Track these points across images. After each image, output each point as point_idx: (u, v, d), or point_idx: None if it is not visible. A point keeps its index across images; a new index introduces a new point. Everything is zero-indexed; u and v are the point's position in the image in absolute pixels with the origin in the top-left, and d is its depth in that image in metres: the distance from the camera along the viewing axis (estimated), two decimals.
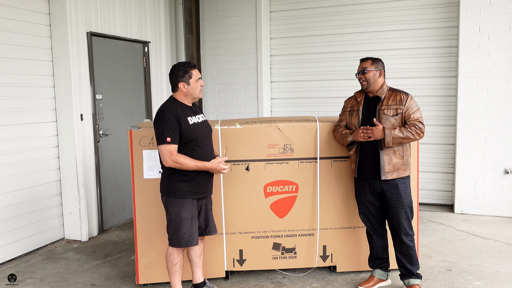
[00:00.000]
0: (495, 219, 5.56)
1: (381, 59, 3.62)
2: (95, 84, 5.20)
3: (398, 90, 3.55)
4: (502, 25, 5.46)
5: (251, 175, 3.84)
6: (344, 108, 3.75)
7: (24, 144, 4.62)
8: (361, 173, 3.58)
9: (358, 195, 3.68)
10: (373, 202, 3.61)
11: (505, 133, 5.56)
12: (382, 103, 3.49)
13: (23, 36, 4.57)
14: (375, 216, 3.65)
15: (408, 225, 3.53)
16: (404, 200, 3.49)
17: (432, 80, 6.04)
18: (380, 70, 3.53)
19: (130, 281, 3.98)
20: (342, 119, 3.75)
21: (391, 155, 3.44)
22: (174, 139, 3.16)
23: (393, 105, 3.46)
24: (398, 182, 3.47)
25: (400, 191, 3.48)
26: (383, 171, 3.44)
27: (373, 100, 3.56)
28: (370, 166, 3.51)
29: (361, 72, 3.54)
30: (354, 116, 3.60)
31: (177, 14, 6.81)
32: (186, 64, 3.29)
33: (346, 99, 3.78)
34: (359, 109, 3.57)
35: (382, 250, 3.71)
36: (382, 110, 3.47)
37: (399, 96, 3.49)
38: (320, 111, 6.52)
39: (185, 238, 3.30)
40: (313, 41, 6.54)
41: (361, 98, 3.61)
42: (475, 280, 3.85)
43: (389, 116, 3.45)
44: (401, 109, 3.45)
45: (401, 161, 3.47)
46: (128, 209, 5.76)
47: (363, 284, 3.75)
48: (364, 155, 3.54)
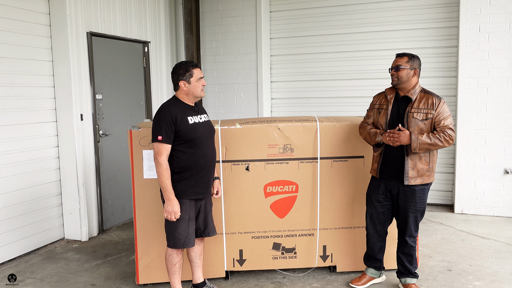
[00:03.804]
0: (495, 219, 5.56)
1: (419, 57, 3.46)
2: (95, 84, 5.20)
3: (430, 92, 3.40)
4: (502, 25, 5.47)
5: (251, 175, 3.84)
6: (373, 105, 3.61)
7: (24, 144, 4.62)
8: (382, 174, 3.49)
9: (370, 192, 3.62)
10: (383, 203, 3.55)
11: (505, 133, 5.56)
12: (413, 105, 3.35)
13: (23, 36, 4.57)
14: (381, 217, 3.60)
15: (415, 228, 3.51)
16: (418, 206, 3.42)
17: (432, 80, 6.04)
18: (415, 69, 3.37)
19: (130, 281, 3.98)
20: (369, 115, 3.60)
21: (416, 160, 3.32)
22: (166, 139, 3.16)
23: (424, 108, 3.31)
24: (417, 188, 3.38)
25: (416, 197, 3.40)
26: (406, 177, 3.34)
27: (403, 100, 3.42)
28: (394, 168, 3.41)
29: (394, 68, 3.39)
30: (382, 114, 3.46)
31: (177, 14, 6.81)
32: (187, 63, 3.30)
33: (375, 95, 3.64)
34: (388, 108, 3.44)
35: (378, 251, 3.70)
36: (412, 113, 3.33)
37: (431, 99, 3.33)
38: (320, 111, 6.52)
39: (181, 239, 3.29)
40: (313, 41, 6.54)
41: (392, 96, 3.47)
42: (475, 280, 3.85)
43: (418, 120, 3.30)
44: (431, 113, 3.30)
45: (426, 167, 3.35)
46: (128, 209, 5.76)
47: (354, 281, 3.74)
48: (388, 156, 3.43)
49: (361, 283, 3.72)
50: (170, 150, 3.21)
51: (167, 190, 3.18)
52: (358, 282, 3.72)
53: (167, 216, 3.22)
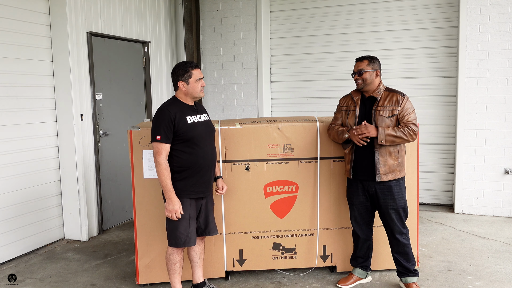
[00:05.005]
0: (495, 219, 5.56)
1: (378, 58, 3.58)
2: (95, 84, 5.20)
3: (394, 90, 3.52)
4: (502, 25, 5.47)
5: (251, 175, 3.84)
6: (340, 107, 3.71)
7: (24, 144, 4.61)
8: (356, 174, 3.55)
9: (350, 196, 3.67)
10: (365, 204, 3.60)
11: (505, 133, 5.56)
12: (378, 103, 3.46)
13: (23, 36, 4.57)
14: (365, 218, 3.65)
15: (402, 224, 3.54)
16: (398, 202, 3.47)
17: (432, 80, 6.04)
18: (376, 71, 3.50)
19: (130, 281, 3.98)
20: (337, 117, 3.70)
21: (386, 157, 3.42)
22: (165, 138, 3.17)
23: (389, 106, 3.43)
24: (392, 184, 3.45)
25: (393, 193, 3.46)
26: (378, 173, 3.42)
27: (369, 100, 3.54)
28: (365, 167, 3.48)
29: (357, 73, 3.50)
30: (350, 116, 3.56)
31: (177, 14, 6.81)
32: (187, 64, 3.30)
33: (342, 98, 3.74)
34: (356, 109, 3.54)
35: (366, 249, 3.73)
36: (378, 111, 3.44)
37: (395, 97, 3.46)
38: (320, 111, 6.52)
39: (182, 238, 3.30)
40: (313, 41, 6.54)
41: (358, 97, 3.58)
42: (475, 280, 3.85)
43: (384, 117, 3.42)
44: (396, 110, 3.42)
45: (396, 162, 3.45)
46: (128, 209, 5.76)
47: (341, 281, 3.76)
48: (359, 156, 3.51)
49: (348, 283, 3.74)
50: (169, 149, 3.22)
51: (168, 189, 3.20)
52: (345, 283, 3.75)
53: (169, 214, 3.23)
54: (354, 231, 3.71)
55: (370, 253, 3.76)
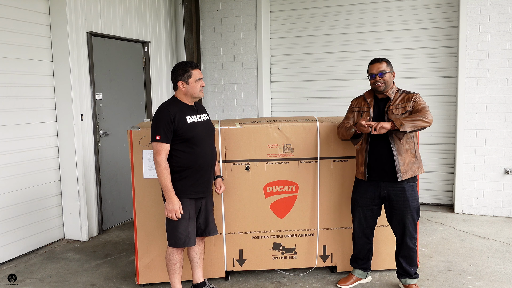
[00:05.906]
0: (495, 219, 5.56)
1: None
2: (95, 84, 5.20)
3: (406, 91, 3.50)
4: (502, 25, 5.47)
5: (251, 175, 3.84)
6: (352, 108, 3.66)
7: (24, 144, 4.61)
8: (370, 176, 3.49)
9: (357, 197, 3.62)
10: (372, 207, 3.56)
11: (505, 133, 5.56)
12: (391, 103, 3.43)
13: (23, 36, 4.57)
14: (369, 221, 3.62)
15: (414, 227, 3.50)
16: (411, 204, 3.43)
17: (432, 80, 6.04)
18: (393, 71, 3.49)
19: (130, 281, 3.98)
20: (349, 117, 3.64)
21: (404, 154, 3.37)
22: (164, 138, 3.17)
23: (401, 103, 3.41)
24: (405, 185, 3.41)
25: (407, 195, 3.42)
26: (399, 172, 3.36)
27: (382, 102, 3.50)
28: (381, 168, 3.42)
29: (379, 75, 3.42)
30: (364, 116, 3.51)
31: (177, 14, 6.81)
32: (186, 64, 3.30)
33: (354, 99, 3.70)
34: (370, 110, 3.49)
35: (367, 252, 3.72)
36: (391, 110, 3.41)
37: (407, 96, 3.44)
38: (320, 111, 6.52)
39: (182, 238, 3.30)
40: (313, 41, 6.54)
41: (371, 99, 3.53)
42: (475, 280, 3.85)
43: (397, 115, 3.38)
44: (409, 106, 3.39)
45: (414, 159, 3.42)
46: (128, 209, 5.76)
47: (341, 281, 3.76)
48: (374, 157, 3.45)
49: (348, 283, 3.74)
50: (169, 149, 3.22)
51: (167, 189, 3.20)
52: (345, 283, 3.74)
53: (168, 214, 3.23)
54: (356, 233, 3.69)
55: (371, 255, 3.75)
